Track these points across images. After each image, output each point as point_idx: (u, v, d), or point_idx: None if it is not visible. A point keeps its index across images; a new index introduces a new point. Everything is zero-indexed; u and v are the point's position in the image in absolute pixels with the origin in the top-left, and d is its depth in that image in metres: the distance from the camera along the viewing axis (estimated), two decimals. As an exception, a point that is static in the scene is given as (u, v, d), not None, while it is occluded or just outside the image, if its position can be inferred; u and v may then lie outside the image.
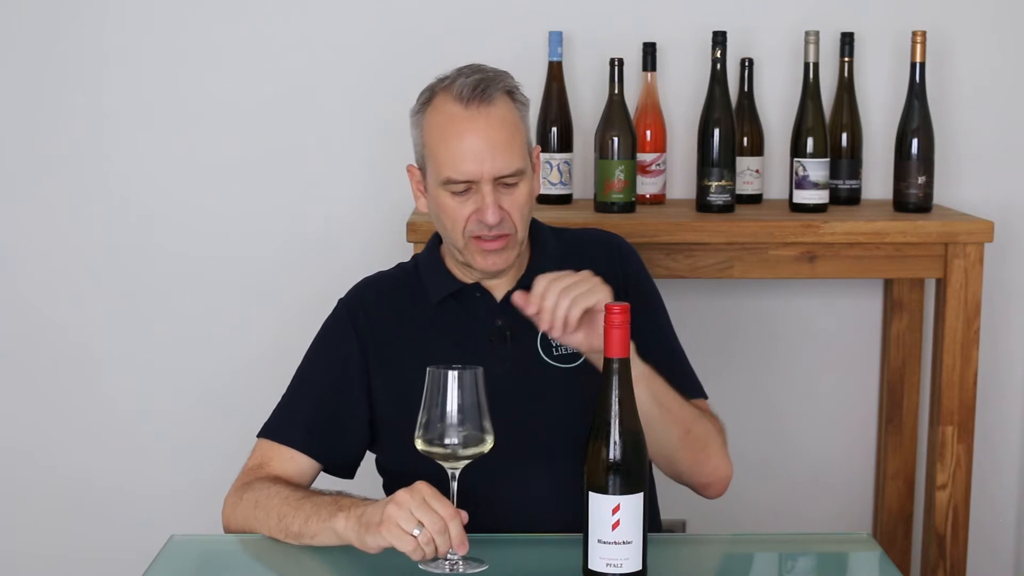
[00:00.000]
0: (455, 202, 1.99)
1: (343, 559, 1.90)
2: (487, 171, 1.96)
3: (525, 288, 1.99)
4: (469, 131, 1.96)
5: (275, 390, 2.90)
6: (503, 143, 1.96)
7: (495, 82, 1.98)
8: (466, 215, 1.98)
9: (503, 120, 1.97)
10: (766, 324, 2.93)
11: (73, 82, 2.85)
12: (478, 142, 1.95)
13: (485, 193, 1.96)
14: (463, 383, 1.68)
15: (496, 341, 2.04)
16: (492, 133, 1.96)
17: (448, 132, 1.98)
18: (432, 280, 2.09)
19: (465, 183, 1.97)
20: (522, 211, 2.00)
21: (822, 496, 2.99)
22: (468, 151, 1.96)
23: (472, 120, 1.96)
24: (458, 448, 1.68)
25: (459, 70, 2.01)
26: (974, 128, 2.88)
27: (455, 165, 1.97)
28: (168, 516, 2.86)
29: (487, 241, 1.99)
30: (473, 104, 1.96)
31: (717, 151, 2.65)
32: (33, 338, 2.92)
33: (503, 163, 1.96)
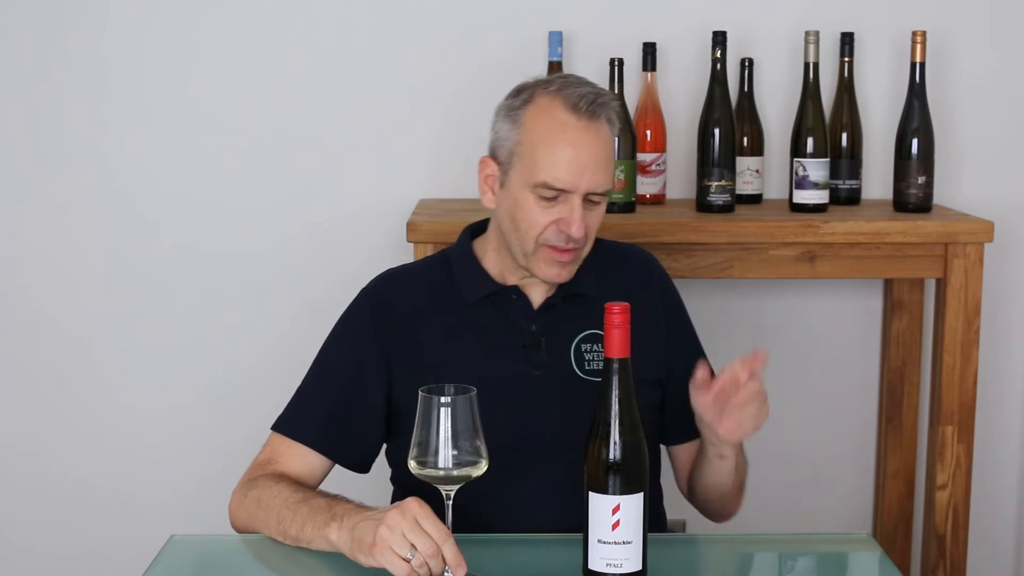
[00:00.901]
0: (540, 207, 1.97)
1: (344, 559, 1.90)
2: (584, 185, 1.96)
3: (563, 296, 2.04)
4: (578, 142, 1.95)
5: (275, 389, 2.90)
6: (603, 161, 1.97)
7: (607, 102, 1.99)
8: (546, 222, 1.97)
9: (608, 140, 1.99)
10: (766, 324, 2.93)
11: (75, 81, 2.85)
12: (584, 155, 1.95)
13: (575, 206, 1.96)
14: (456, 407, 1.66)
15: (530, 346, 2.03)
16: (597, 149, 1.97)
17: (555, 137, 1.96)
18: (467, 279, 2.07)
19: (558, 191, 1.96)
20: (595, 229, 2.02)
21: (822, 496, 2.99)
22: (572, 161, 1.95)
23: (583, 132, 1.95)
24: (452, 471, 1.67)
25: (563, 78, 2.01)
26: (974, 128, 2.88)
27: (555, 172, 1.95)
28: (168, 516, 2.86)
29: (561, 252, 1.98)
30: (585, 117, 1.95)
31: (717, 151, 2.65)
32: (34, 337, 2.92)
33: (600, 180, 1.97)
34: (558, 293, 2.06)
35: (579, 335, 2.05)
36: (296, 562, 1.88)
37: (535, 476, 1.99)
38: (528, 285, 2.06)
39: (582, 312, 2.05)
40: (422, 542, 1.66)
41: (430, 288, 2.08)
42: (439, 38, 2.83)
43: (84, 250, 2.90)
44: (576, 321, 2.05)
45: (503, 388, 1.96)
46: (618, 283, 2.09)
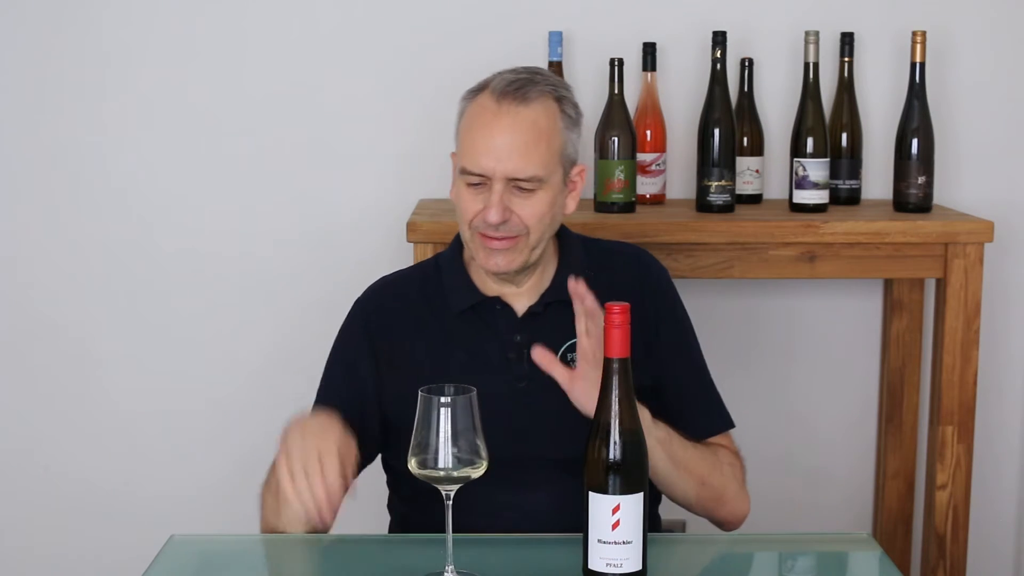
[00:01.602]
0: (469, 194, 1.99)
1: (344, 559, 1.90)
2: (500, 170, 1.95)
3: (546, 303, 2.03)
4: (493, 126, 1.95)
5: (276, 389, 2.91)
6: (523, 145, 1.94)
7: (538, 84, 1.97)
8: (475, 210, 1.98)
9: (533, 123, 1.95)
10: (766, 324, 2.93)
11: (75, 80, 2.85)
12: (498, 139, 1.94)
13: (494, 191, 1.95)
14: (456, 407, 1.66)
15: (514, 358, 2.02)
16: (515, 133, 1.94)
17: (475, 123, 1.97)
18: (453, 288, 2.06)
19: (479, 176, 1.96)
20: (539, 219, 1.98)
21: (822, 496, 2.99)
22: (486, 146, 1.95)
23: (499, 116, 1.95)
24: (451, 471, 1.67)
25: (516, 68, 2.02)
26: (974, 128, 2.88)
27: (472, 156, 1.96)
28: (168, 516, 2.86)
29: (490, 239, 1.98)
30: (506, 101, 1.95)
31: (717, 151, 2.65)
32: (34, 337, 2.92)
33: (517, 165, 1.95)
34: (540, 301, 2.05)
35: (565, 344, 2.03)
36: (297, 562, 1.88)
37: (524, 489, 1.98)
38: (510, 295, 2.06)
39: (568, 320, 2.00)
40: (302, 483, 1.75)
41: (419, 299, 2.08)
42: (439, 38, 2.82)
43: (85, 251, 2.89)
44: (561, 329, 2.02)
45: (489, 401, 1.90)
46: (607, 287, 2.04)
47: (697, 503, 2.05)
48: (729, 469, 2.07)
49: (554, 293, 2.05)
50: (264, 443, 2.90)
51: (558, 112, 1.98)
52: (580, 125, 2.04)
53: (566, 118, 2.00)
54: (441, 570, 1.69)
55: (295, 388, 2.85)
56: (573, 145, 2.03)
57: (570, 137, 2.01)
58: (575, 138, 2.03)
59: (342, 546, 1.95)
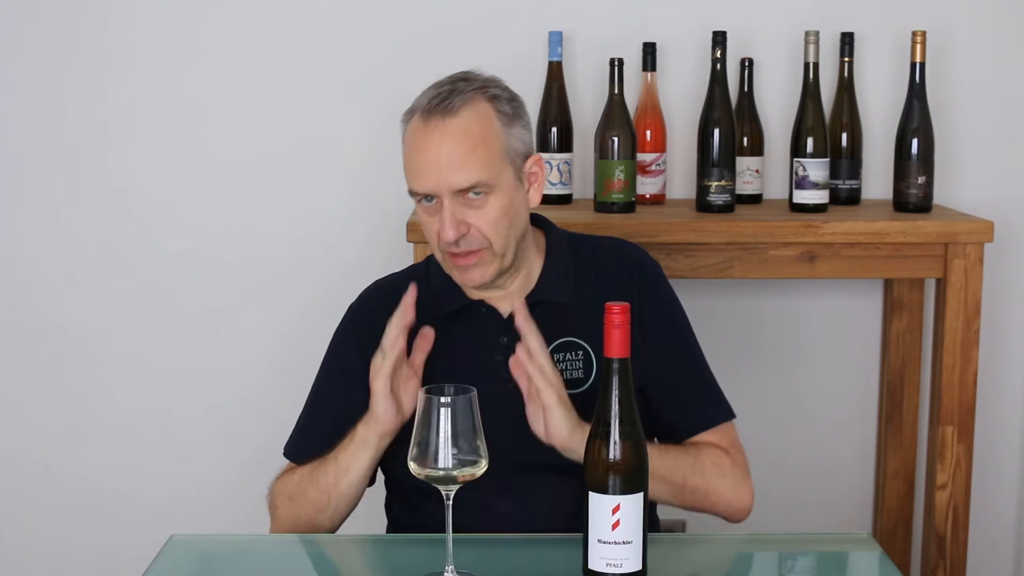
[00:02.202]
0: (426, 216, 1.98)
1: (344, 559, 1.90)
2: (443, 184, 1.92)
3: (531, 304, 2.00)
4: (425, 145, 1.93)
5: (276, 389, 2.91)
6: (459, 156, 1.92)
7: (462, 92, 1.94)
8: (435, 230, 1.97)
9: (464, 132, 1.93)
10: (766, 324, 2.93)
11: (75, 81, 2.85)
12: (432, 155, 1.92)
13: (444, 208, 1.94)
14: (456, 407, 1.66)
15: (501, 360, 2.00)
16: (447, 145, 1.92)
17: (410, 147, 1.96)
18: (441, 291, 2.06)
19: (426, 195, 1.95)
20: (495, 226, 1.95)
21: (822, 496, 2.99)
22: (423, 165, 1.93)
23: (428, 134, 1.93)
24: (452, 471, 1.66)
25: (441, 79, 1.99)
26: (974, 128, 2.88)
27: (414, 178, 1.95)
28: (168, 516, 2.86)
29: (457, 257, 1.97)
30: (434, 118, 1.93)
31: (717, 151, 2.65)
32: (34, 337, 2.92)
33: (457, 176, 1.92)
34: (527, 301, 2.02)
35: (551, 345, 2.01)
36: (296, 562, 1.88)
37: (511, 492, 1.97)
38: (494, 297, 2.05)
39: (555, 320, 2.02)
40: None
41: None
42: (439, 38, 2.82)
43: (85, 251, 2.90)
44: (548, 330, 1.98)
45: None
46: (595, 286, 2.05)
47: (681, 506, 2.04)
48: (713, 468, 2.04)
49: (539, 294, 2.04)
50: (264, 443, 2.91)
51: (491, 112, 1.96)
52: (523, 117, 2.00)
53: (502, 116, 1.97)
54: (441, 570, 1.69)
55: (295, 388, 2.85)
56: (519, 139, 1.99)
57: (512, 132, 1.98)
58: (519, 132, 1.99)
59: (342, 546, 1.95)
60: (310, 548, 1.95)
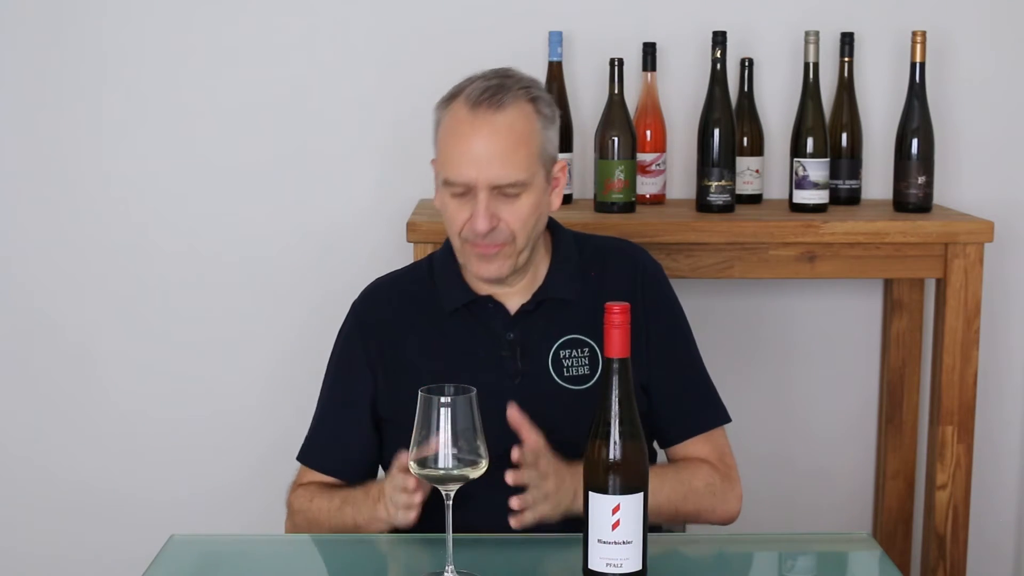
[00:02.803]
0: (455, 204, 1.99)
1: (344, 559, 1.90)
2: (483, 178, 1.95)
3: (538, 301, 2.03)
4: (471, 136, 1.95)
5: (276, 389, 2.92)
6: (503, 152, 1.95)
7: (510, 89, 1.97)
8: (463, 219, 1.98)
9: (510, 128, 1.95)
10: (766, 324, 2.93)
11: (74, 82, 2.85)
12: (478, 148, 1.94)
13: (479, 200, 1.95)
14: (456, 407, 1.66)
15: (507, 355, 2.03)
16: (494, 142, 1.94)
17: (453, 134, 1.97)
18: (446, 288, 2.07)
19: (462, 186, 1.97)
20: (524, 223, 1.98)
21: (822, 496, 2.99)
22: (466, 156, 1.95)
23: (476, 126, 1.95)
24: (452, 471, 1.67)
25: (486, 72, 2.01)
26: (974, 128, 2.88)
27: (453, 168, 1.97)
28: (168, 516, 2.86)
29: (480, 246, 1.98)
30: (481, 109, 1.95)
31: (717, 151, 2.65)
32: (33, 338, 2.92)
33: (499, 172, 1.95)
34: (533, 299, 2.05)
35: (557, 341, 2.04)
36: (296, 562, 1.88)
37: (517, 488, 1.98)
38: (502, 294, 2.06)
39: (561, 317, 2.04)
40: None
41: (413, 299, 2.09)
42: (439, 37, 2.82)
43: (84, 252, 2.89)
44: (554, 327, 2.04)
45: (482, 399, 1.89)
46: (600, 285, 2.07)
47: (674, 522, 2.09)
48: (705, 488, 2.05)
49: (547, 291, 2.06)
50: (264, 443, 2.92)
51: (534, 113, 1.99)
52: (556, 121, 2.04)
53: (542, 118, 2.00)
54: (441, 570, 1.69)
55: (295, 388, 2.86)
56: (552, 143, 2.03)
57: (548, 136, 2.01)
58: (553, 136, 2.03)
59: (342, 546, 1.95)
60: (310, 548, 1.95)
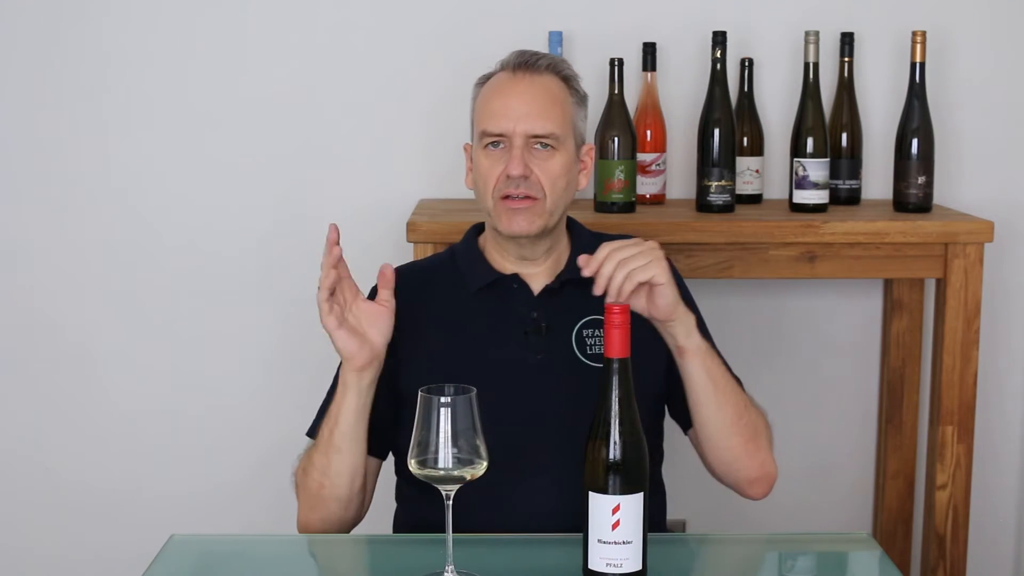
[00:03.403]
0: (489, 160, 2.06)
1: (344, 559, 1.90)
2: (520, 128, 2.03)
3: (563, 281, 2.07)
4: (509, 90, 2.05)
5: (276, 389, 2.91)
6: (540, 106, 2.04)
7: (547, 60, 2.07)
8: (497, 173, 2.04)
9: (546, 88, 2.06)
10: (766, 324, 2.93)
11: (76, 81, 2.85)
12: (515, 99, 2.04)
13: (514, 146, 2.03)
14: (456, 407, 1.66)
15: (531, 333, 2.06)
16: (531, 95, 2.04)
17: (492, 93, 2.07)
18: (470, 269, 2.12)
19: (498, 136, 2.04)
20: (554, 181, 2.04)
21: (822, 496, 2.99)
22: (504, 107, 2.04)
23: (516, 82, 2.05)
24: (452, 471, 1.67)
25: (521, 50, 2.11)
26: (974, 128, 2.88)
27: (491, 119, 2.05)
28: (168, 516, 2.86)
29: (513, 200, 2.03)
30: (520, 71, 2.06)
31: (717, 151, 2.65)
32: (34, 337, 2.92)
33: (536, 123, 2.03)
34: (557, 279, 2.09)
35: (581, 320, 2.07)
36: (296, 562, 1.88)
37: (540, 460, 2.00)
38: (528, 274, 2.10)
39: (583, 298, 2.04)
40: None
41: (435, 280, 2.14)
42: (439, 38, 2.82)
43: (84, 251, 2.89)
44: (577, 307, 2.07)
45: (505, 374, 1.99)
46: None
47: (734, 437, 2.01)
48: (761, 417, 2.08)
49: (570, 272, 2.10)
50: (265, 442, 2.92)
51: (566, 88, 2.08)
52: (586, 106, 2.14)
53: (575, 94, 2.10)
54: (441, 570, 1.69)
55: (296, 387, 2.86)
56: (583, 122, 2.12)
57: (579, 113, 2.11)
58: (583, 116, 2.12)
59: (342, 546, 1.95)
60: (310, 548, 1.95)
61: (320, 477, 1.99)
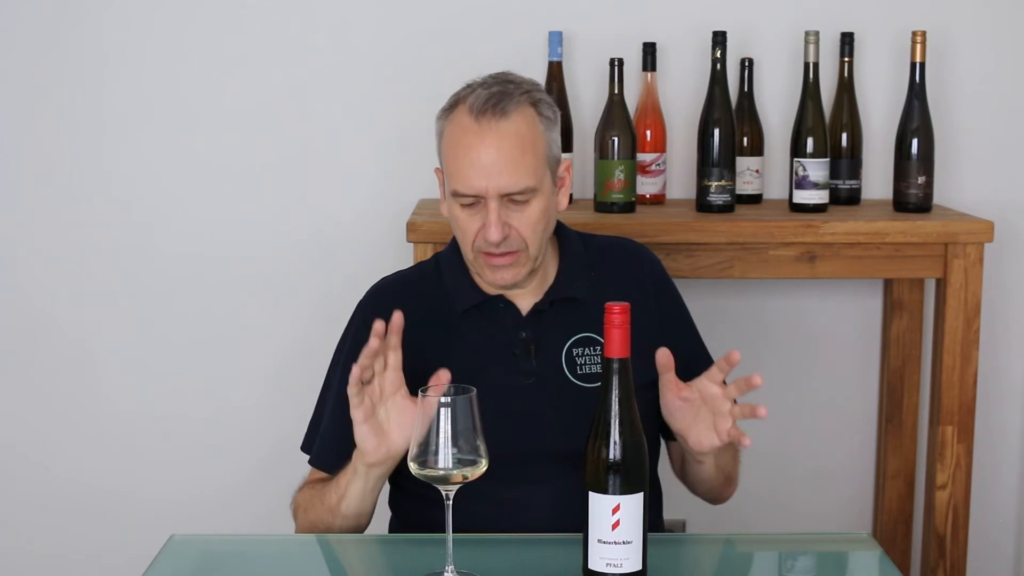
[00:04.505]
0: (465, 215, 1.98)
1: (344, 559, 1.90)
2: (492, 187, 1.94)
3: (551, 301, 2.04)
4: (477, 146, 1.94)
5: (276, 389, 2.92)
6: (511, 160, 1.94)
7: (512, 95, 1.95)
8: (475, 229, 1.98)
9: (516, 135, 1.94)
10: (766, 324, 2.93)
11: (75, 82, 2.85)
12: (485, 157, 1.93)
13: (490, 210, 1.95)
14: (456, 407, 1.66)
15: (520, 354, 2.03)
16: (501, 149, 1.93)
17: (459, 145, 1.96)
18: (456, 287, 2.07)
19: (472, 197, 1.96)
20: (534, 228, 1.98)
21: (822, 496, 2.99)
22: (474, 166, 1.94)
23: (481, 135, 1.94)
24: (452, 471, 1.67)
25: (484, 78, 2.00)
26: (974, 128, 2.88)
27: (462, 179, 1.96)
28: (168, 516, 2.86)
29: (494, 257, 1.98)
30: (485, 118, 1.94)
31: (717, 151, 2.65)
32: (34, 338, 2.92)
33: (509, 180, 1.94)
34: (546, 298, 2.05)
35: (570, 340, 2.04)
36: (296, 562, 1.88)
37: (530, 484, 1.99)
38: (513, 294, 2.06)
39: (572, 316, 2.05)
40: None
41: (421, 299, 2.08)
42: (439, 37, 2.82)
43: (84, 252, 2.89)
44: (566, 326, 2.04)
45: (495, 398, 1.91)
46: (609, 283, 2.07)
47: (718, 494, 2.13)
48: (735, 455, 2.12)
49: (558, 291, 2.06)
50: (265, 442, 2.92)
51: (537, 117, 1.98)
52: (559, 122, 2.03)
53: (545, 121, 1.99)
54: (441, 570, 1.69)
55: (295, 387, 2.86)
56: (556, 144, 2.02)
57: (552, 138, 2.01)
58: (556, 137, 2.02)
59: (342, 546, 1.95)
60: (310, 548, 1.95)
61: (324, 527, 1.99)
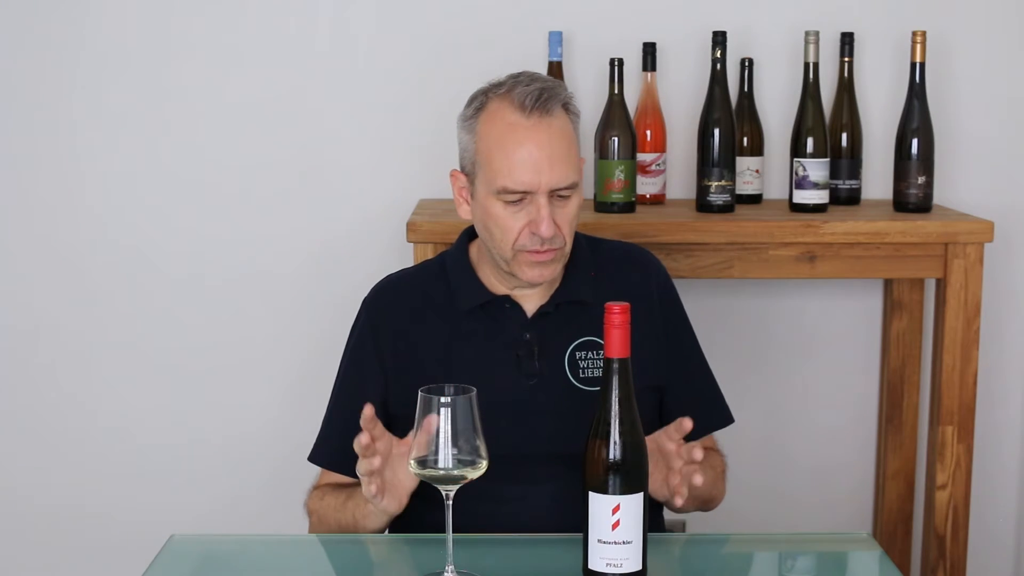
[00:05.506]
0: (508, 212, 1.97)
1: (344, 559, 1.90)
2: (544, 183, 1.94)
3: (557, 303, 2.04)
4: (529, 141, 1.94)
5: (277, 390, 2.92)
6: (562, 155, 1.95)
7: (555, 93, 1.97)
8: (519, 227, 1.97)
9: (562, 132, 1.96)
10: (766, 324, 2.93)
11: (73, 82, 2.84)
12: (538, 152, 1.94)
13: (540, 205, 1.95)
14: (456, 407, 1.66)
15: (523, 356, 2.03)
16: (552, 145, 1.94)
17: (507, 140, 1.95)
18: (461, 287, 2.06)
19: (521, 193, 1.95)
20: (571, 225, 1.99)
21: (822, 496, 2.99)
22: (527, 161, 1.94)
23: (533, 130, 1.94)
24: (451, 471, 1.67)
25: (514, 78, 1.99)
26: (974, 128, 2.88)
27: (512, 174, 1.94)
28: (168, 516, 2.86)
29: (539, 254, 1.97)
30: (535, 114, 1.94)
31: (717, 151, 2.65)
32: (34, 338, 2.92)
33: (561, 175, 1.95)
34: (552, 301, 2.05)
35: (573, 343, 2.04)
36: (296, 562, 1.88)
37: (530, 484, 1.99)
38: (520, 295, 2.06)
39: (577, 319, 2.05)
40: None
41: (426, 298, 2.08)
42: (439, 38, 2.82)
43: (83, 254, 2.89)
44: (570, 328, 2.04)
45: (499, 398, 1.93)
46: (615, 288, 2.07)
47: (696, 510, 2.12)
48: (721, 476, 2.13)
49: (565, 293, 2.06)
50: (265, 444, 2.92)
51: (568, 116, 2.00)
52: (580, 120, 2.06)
53: (574, 119, 2.02)
54: (441, 570, 1.69)
55: (295, 388, 2.86)
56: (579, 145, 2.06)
57: (578, 138, 2.03)
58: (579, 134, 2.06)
59: (342, 546, 1.95)
60: (310, 548, 1.95)
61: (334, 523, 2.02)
